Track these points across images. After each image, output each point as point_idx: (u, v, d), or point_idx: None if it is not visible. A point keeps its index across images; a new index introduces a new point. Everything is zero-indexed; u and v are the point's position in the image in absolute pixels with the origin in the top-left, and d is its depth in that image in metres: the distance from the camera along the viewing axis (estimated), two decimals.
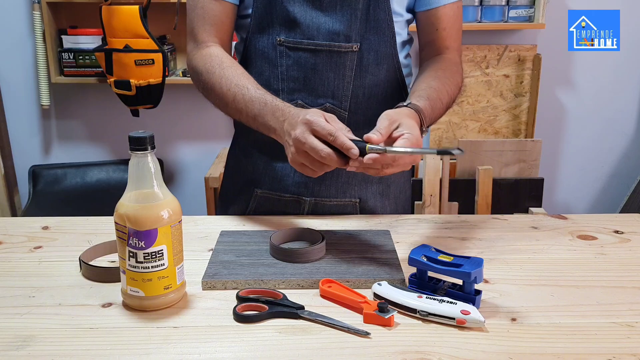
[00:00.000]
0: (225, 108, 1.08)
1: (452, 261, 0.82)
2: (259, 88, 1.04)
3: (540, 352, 0.71)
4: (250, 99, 1.03)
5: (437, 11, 1.14)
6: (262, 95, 1.02)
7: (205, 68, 1.10)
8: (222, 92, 1.07)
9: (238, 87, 1.05)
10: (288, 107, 0.99)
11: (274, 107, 1.00)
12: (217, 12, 1.12)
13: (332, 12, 1.08)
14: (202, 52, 1.12)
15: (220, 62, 1.10)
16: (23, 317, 0.79)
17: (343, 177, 1.18)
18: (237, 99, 1.04)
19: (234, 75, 1.07)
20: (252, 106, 1.02)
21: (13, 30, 2.63)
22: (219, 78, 1.07)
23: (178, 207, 0.80)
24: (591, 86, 2.78)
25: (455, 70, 1.16)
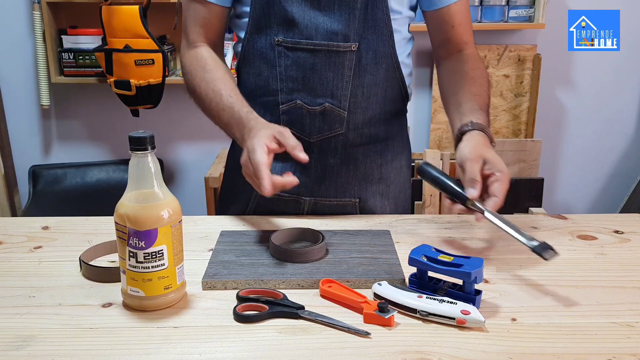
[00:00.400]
0: (205, 112, 1.14)
1: (452, 261, 0.82)
2: (231, 95, 1.08)
3: (540, 352, 0.71)
4: (223, 107, 1.08)
5: (450, 9, 1.15)
6: (231, 104, 1.07)
7: (190, 69, 1.15)
8: (201, 96, 1.12)
9: (214, 93, 1.09)
10: (249, 120, 1.03)
11: (238, 119, 1.05)
12: (206, 14, 1.15)
13: (330, 11, 1.08)
14: (191, 52, 1.17)
15: (204, 65, 1.14)
16: (23, 317, 0.79)
17: (343, 177, 1.18)
18: (212, 106, 1.10)
19: (212, 79, 1.11)
20: (223, 114, 1.08)
21: (13, 30, 2.63)
22: (200, 81, 1.12)
23: (178, 207, 0.80)
24: (591, 86, 2.78)
25: (482, 66, 1.18)
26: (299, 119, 1.13)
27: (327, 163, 1.16)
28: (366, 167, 1.19)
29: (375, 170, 1.20)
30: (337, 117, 1.13)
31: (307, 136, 1.14)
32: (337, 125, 1.14)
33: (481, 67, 1.17)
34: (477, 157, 0.94)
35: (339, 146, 1.16)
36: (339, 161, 1.17)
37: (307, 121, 1.13)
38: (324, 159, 1.16)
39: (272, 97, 1.14)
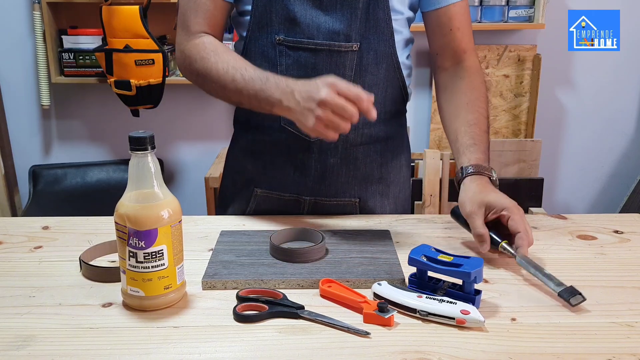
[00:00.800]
0: (223, 91, 1.07)
1: (452, 261, 0.82)
2: (256, 68, 1.04)
3: (540, 352, 0.71)
4: (251, 77, 1.02)
5: (448, 10, 1.14)
6: (262, 72, 1.02)
7: (200, 55, 1.10)
8: (218, 75, 1.06)
9: (236, 69, 1.04)
10: (291, 79, 0.98)
11: (277, 80, 0.99)
12: (211, 7, 1.12)
13: (332, 11, 1.08)
14: (195, 41, 1.12)
15: (215, 49, 1.09)
16: (23, 317, 0.79)
17: (343, 177, 1.18)
18: (237, 79, 1.04)
19: (230, 58, 1.07)
20: (252, 84, 1.01)
21: (13, 30, 2.64)
22: (215, 63, 1.07)
23: (178, 207, 0.80)
24: (591, 86, 2.78)
25: (480, 82, 1.16)
26: None
27: (327, 163, 1.16)
28: (366, 167, 1.19)
29: (375, 170, 1.20)
30: None
31: (307, 136, 1.14)
32: None
33: (479, 82, 1.16)
34: (478, 209, 0.96)
35: (339, 146, 1.16)
36: (339, 161, 1.17)
37: None
38: (324, 159, 1.16)
39: None
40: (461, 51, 1.17)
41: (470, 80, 1.15)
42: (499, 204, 0.96)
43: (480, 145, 1.07)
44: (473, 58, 1.18)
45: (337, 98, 0.90)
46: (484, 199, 0.97)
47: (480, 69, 1.19)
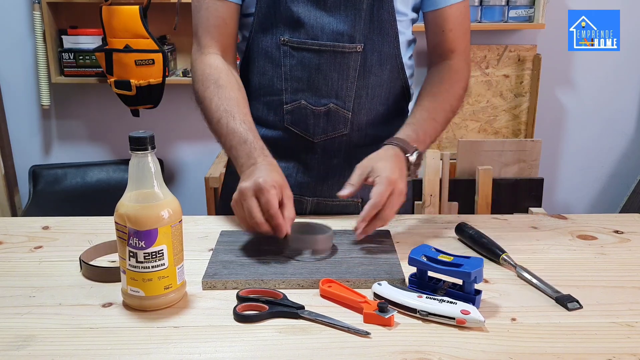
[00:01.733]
0: (210, 124, 1.10)
1: (452, 261, 0.82)
2: (244, 122, 1.05)
3: (540, 352, 0.71)
4: (233, 129, 1.04)
5: (444, 12, 1.14)
6: (245, 130, 1.04)
7: (202, 78, 1.11)
8: (210, 109, 1.08)
9: (225, 112, 1.06)
10: (264, 155, 1.01)
11: (251, 148, 1.01)
12: (221, 12, 1.11)
13: (336, 12, 1.08)
14: (204, 58, 1.13)
15: (217, 79, 1.10)
16: (23, 317, 0.79)
17: (345, 177, 1.17)
18: (221, 124, 1.06)
19: (225, 97, 1.08)
20: (232, 137, 1.04)
21: (13, 30, 2.63)
22: (211, 95, 1.08)
23: (178, 207, 0.80)
24: (591, 86, 2.78)
25: (456, 79, 1.16)
26: (303, 119, 1.13)
27: (330, 163, 1.16)
28: None
29: None
30: (341, 118, 1.13)
31: (311, 136, 1.14)
32: (341, 125, 1.14)
33: (455, 79, 1.16)
34: (365, 167, 0.99)
35: (343, 147, 1.16)
36: (342, 161, 1.17)
37: (311, 121, 1.13)
38: (327, 159, 1.16)
39: (277, 96, 1.14)
40: (449, 51, 1.17)
41: (444, 76, 1.16)
42: (379, 170, 0.97)
43: (418, 126, 1.08)
44: (459, 59, 1.17)
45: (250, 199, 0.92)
46: (375, 164, 0.99)
47: (462, 70, 1.17)
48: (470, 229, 1.02)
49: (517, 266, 0.91)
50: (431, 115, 1.10)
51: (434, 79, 1.17)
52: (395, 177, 0.96)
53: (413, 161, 1.03)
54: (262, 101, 1.16)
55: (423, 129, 1.08)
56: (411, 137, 1.06)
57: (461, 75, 1.17)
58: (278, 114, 1.14)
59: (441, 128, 1.13)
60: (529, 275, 0.89)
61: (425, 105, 1.12)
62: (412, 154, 1.03)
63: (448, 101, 1.13)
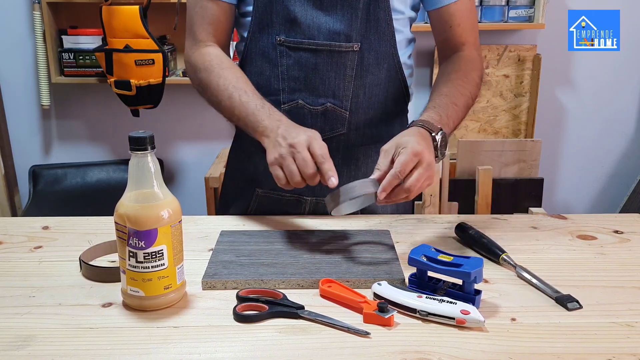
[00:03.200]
0: (219, 105, 1.09)
1: (452, 261, 0.82)
2: (255, 94, 1.06)
3: (540, 352, 0.71)
4: (247, 101, 1.04)
5: (449, 8, 1.14)
6: (260, 99, 1.04)
7: (204, 65, 1.12)
8: (218, 90, 1.08)
9: (235, 89, 1.06)
10: (285, 116, 1.02)
11: (270, 110, 1.02)
12: (216, 11, 1.13)
13: (332, 11, 1.08)
14: (202, 50, 1.14)
15: (220, 62, 1.11)
16: (23, 317, 0.79)
17: (344, 177, 1.18)
18: (233, 97, 1.06)
19: (233, 76, 1.09)
20: (246, 107, 1.04)
21: (13, 30, 2.63)
22: (217, 77, 1.09)
23: (178, 207, 0.80)
24: (591, 86, 2.78)
25: (471, 67, 1.15)
26: (300, 118, 1.13)
27: None
28: (367, 167, 1.19)
29: None
30: (338, 117, 1.13)
31: None
32: (338, 125, 1.14)
33: (469, 67, 1.15)
34: (389, 147, 0.93)
35: (341, 146, 1.16)
36: (340, 161, 1.17)
37: (309, 121, 1.13)
38: None
39: (274, 96, 1.14)
40: (460, 44, 1.18)
41: (458, 65, 1.15)
42: (405, 143, 0.91)
43: (440, 109, 1.05)
44: (471, 49, 1.18)
45: (305, 151, 0.92)
46: (399, 140, 0.94)
47: (476, 59, 1.17)
48: (470, 229, 1.02)
49: (517, 266, 0.91)
50: (452, 100, 1.08)
51: (449, 68, 1.16)
52: (421, 148, 0.91)
53: (439, 140, 0.98)
54: None
55: (445, 112, 1.05)
56: (434, 119, 1.02)
57: (475, 64, 1.16)
58: None
59: (462, 113, 1.10)
60: (528, 275, 0.89)
61: (444, 91, 1.09)
62: (437, 133, 0.99)
63: (466, 87, 1.11)
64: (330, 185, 0.91)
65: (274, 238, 1.01)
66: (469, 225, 1.03)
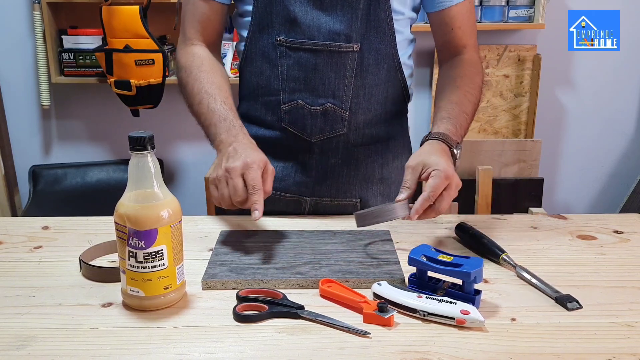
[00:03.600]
0: (191, 107, 1.13)
1: (452, 261, 0.82)
2: (224, 103, 1.08)
3: (540, 352, 0.71)
4: (213, 109, 1.07)
5: (450, 11, 1.14)
6: (225, 110, 1.07)
7: (186, 65, 1.15)
8: (192, 93, 1.11)
9: (207, 94, 1.09)
10: (243, 133, 1.03)
11: (230, 125, 1.04)
12: (206, 10, 1.15)
13: (332, 12, 1.08)
14: (188, 49, 1.17)
15: (200, 64, 1.14)
16: (23, 317, 0.79)
17: (344, 177, 1.18)
18: (202, 104, 1.09)
19: (207, 81, 1.11)
20: (212, 115, 1.07)
21: (13, 30, 2.63)
22: (193, 80, 1.12)
23: (178, 207, 0.80)
24: (591, 86, 2.78)
25: (475, 72, 1.16)
26: (300, 119, 1.13)
27: (328, 163, 1.16)
28: (367, 168, 1.19)
29: (377, 170, 1.20)
30: (338, 118, 1.13)
31: (309, 136, 1.14)
32: (338, 125, 1.14)
33: (474, 72, 1.16)
34: (416, 165, 0.96)
35: (340, 146, 1.16)
36: (340, 161, 1.17)
37: (309, 121, 1.13)
38: (325, 159, 1.16)
39: (274, 96, 1.14)
40: (461, 47, 1.18)
41: (464, 69, 1.16)
42: (435, 165, 0.94)
43: (454, 120, 1.06)
44: (472, 52, 1.19)
45: (237, 178, 0.94)
46: (426, 159, 0.96)
47: (477, 63, 1.18)
48: (470, 229, 1.02)
49: (517, 266, 0.91)
50: (462, 109, 1.09)
51: (453, 73, 1.16)
52: (452, 171, 0.94)
53: (457, 155, 1.01)
54: (260, 101, 1.16)
55: (460, 123, 1.07)
56: (451, 131, 1.04)
57: (477, 68, 1.17)
58: (275, 114, 1.15)
59: (471, 121, 1.12)
60: (528, 275, 0.89)
61: (454, 99, 1.10)
62: (456, 147, 1.02)
63: (473, 94, 1.13)
64: (253, 218, 0.92)
65: (274, 238, 1.01)
66: (469, 225, 1.03)
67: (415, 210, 0.93)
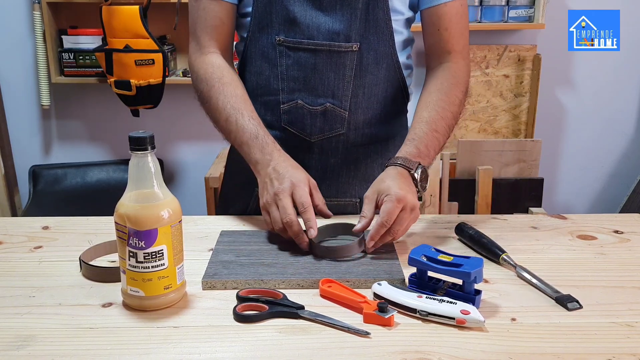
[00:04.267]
0: (217, 123, 1.11)
1: (452, 261, 0.82)
2: (252, 118, 1.07)
3: (540, 352, 0.71)
4: (243, 126, 1.06)
5: (439, 9, 1.12)
6: (255, 126, 1.05)
7: (206, 77, 1.11)
8: (217, 108, 1.09)
9: (234, 109, 1.07)
10: (277, 149, 1.03)
11: (263, 143, 1.04)
12: (218, 12, 1.12)
13: (332, 11, 1.08)
14: (205, 58, 1.13)
15: (221, 77, 1.11)
16: (23, 317, 0.79)
17: (343, 177, 1.18)
18: (230, 121, 1.07)
19: (231, 95, 1.09)
20: (242, 133, 1.05)
21: (13, 30, 2.63)
22: (217, 93, 1.09)
23: (178, 207, 0.80)
24: (591, 86, 2.78)
25: (454, 83, 1.12)
26: (299, 118, 1.13)
27: (328, 163, 1.16)
28: (367, 167, 1.19)
29: (376, 170, 1.20)
30: (338, 117, 1.13)
31: (308, 136, 1.14)
32: (338, 125, 1.14)
33: (454, 83, 1.12)
34: (372, 194, 0.98)
35: (340, 146, 1.16)
36: (339, 161, 1.17)
37: (308, 121, 1.13)
38: (324, 159, 1.16)
39: (273, 96, 1.14)
40: (446, 52, 1.14)
41: (442, 82, 1.13)
42: (387, 189, 0.95)
43: (419, 141, 1.05)
44: (457, 60, 1.15)
45: (286, 199, 0.95)
46: (379, 186, 0.97)
47: (462, 72, 1.15)
48: (470, 229, 1.02)
49: (517, 266, 0.91)
50: (432, 127, 1.07)
51: (432, 87, 1.13)
52: (404, 193, 0.94)
53: (418, 177, 1.01)
54: (260, 101, 1.16)
55: (424, 143, 1.05)
56: (412, 154, 1.03)
57: (460, 79, 1.14)
58: (275, 113, 1.15)
59: (444, 138, 1.10)
60: (528, 275, 0.89)
61: (424, 116, 1.08)
62: (416, 170, 1.01)
63: (448, 109, 1.10)
64: (309, 235, 0.94)
65: (274, 238, 1.01)
66: (469, 225, 1.03)
67: (370, 237, 0.93)
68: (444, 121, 1.09)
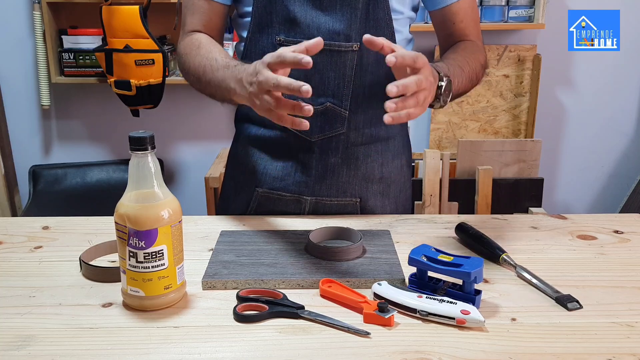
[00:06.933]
0: (199, 84, 1.10)
1: (452, 261, 0.82)
2: (227, 57, 1.06)
3: (540, 352, 0.71)
4: (217, 67, 1.04)
5: (452, 8, 1.16)
6: (227, 62, 1.03)
7: (186, 51, 1.14)
8: (195, 68, 1.09)
9: (207, 60, 1.07)
10: (243, 66, 0.97)
11: (234, 69, 0.99)
12: (207, 10, 1.16)
13: (332, 11, 1.08)
14: (187, 38, 1.16)
15: (199, 44, 1.12)
16: (23, 317, 0.79)
17: (344, 176, 1.18)
18: (206, 71, 1.06)
19: (206, 51, 1.09)
20: (217, 74, 1.03)
21: (13, 30, 2.63)
22: (194, 57, 1.10)
23: (178, 207, 0.80)
24: (591, 86, 2.78)
25: (477, 49, 1.17)
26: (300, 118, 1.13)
27: (328, 162, 1.16)
28: (367, 167, 1.19)
29: (376, 169, 1.20)
30: (338, 117, 1.13)
31: (308, 135, 1.14)
32: (338, 124, 1.14)
33: (476, 49, 1.16)
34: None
35: (340, 146, 1.16)
36: (339, 161, 1.17)
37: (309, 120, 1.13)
38: (324, 159, 1.16)
39: None
40: (464, 36, 1.19)
41: (465, 45, 1.16)
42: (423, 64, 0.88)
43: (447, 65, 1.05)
44: (475, 39, 1.19)
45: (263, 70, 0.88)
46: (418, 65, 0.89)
47: (481, 48, 1.19)
48: (470, 229, 1.02)
49: (517, 266, 0.91)
50: (459, 64, 1.08)
51: (455, 47, 1.17)
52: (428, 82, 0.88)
53: (444, 85, 0.97)
54: None
55: (453, 70, 1.05)
56: (442, 68, 1.02)
57: (480, 48, 1.18)
58: None
59: (467, 81, 1.09)
60: (529, 275, 0.89)
61: (451, 56, 1.11)
62: (443, 79, 0.98)
63: (472, 61, 1.12)
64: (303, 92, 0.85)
65: (274, 238, 1.01)
66: (469, 225, 1.03)
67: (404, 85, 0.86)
68: (469, 67, 1.10)
